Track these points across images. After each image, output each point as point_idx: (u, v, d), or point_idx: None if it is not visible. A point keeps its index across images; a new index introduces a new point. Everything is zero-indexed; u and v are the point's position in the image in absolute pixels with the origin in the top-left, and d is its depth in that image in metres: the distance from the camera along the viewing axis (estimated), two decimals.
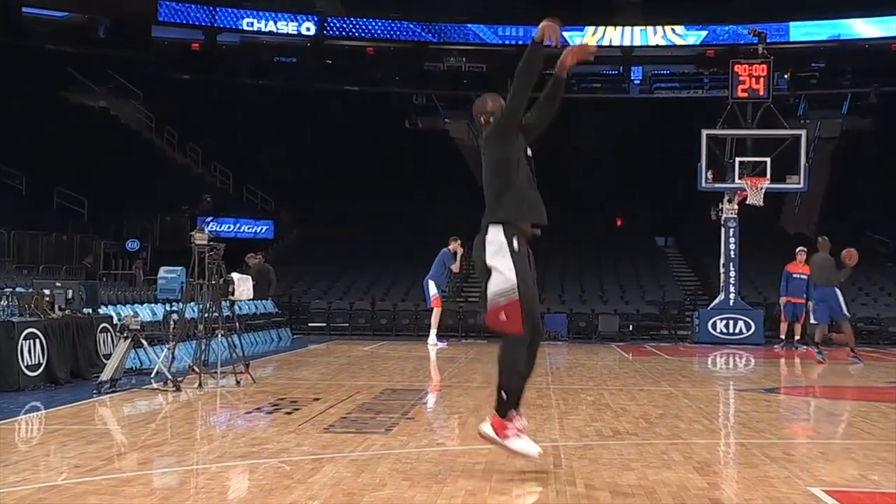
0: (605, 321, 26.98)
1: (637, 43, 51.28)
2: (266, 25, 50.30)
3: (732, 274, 25.95)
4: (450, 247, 21.74)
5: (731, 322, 25.59)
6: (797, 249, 23.32)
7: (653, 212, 39.04)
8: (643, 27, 51.09)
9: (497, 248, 6.67)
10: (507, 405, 6.87)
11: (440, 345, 21.72)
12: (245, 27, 50.05)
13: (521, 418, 6.95)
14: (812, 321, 19.66)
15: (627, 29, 51.14)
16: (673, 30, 51.09)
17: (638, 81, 52.69)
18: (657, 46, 51.38)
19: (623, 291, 30.53)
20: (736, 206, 25.82)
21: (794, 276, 23.04)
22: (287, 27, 50.66)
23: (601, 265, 33.60)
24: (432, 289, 21.60)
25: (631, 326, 27.15)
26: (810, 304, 20.04)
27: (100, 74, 42.60)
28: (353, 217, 37.65)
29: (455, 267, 21.81)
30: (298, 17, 50.85)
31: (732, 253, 25.92)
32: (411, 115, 47.93)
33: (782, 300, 23.24)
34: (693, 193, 26.65)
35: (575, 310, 27.94)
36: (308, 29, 50.73)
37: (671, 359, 19.65)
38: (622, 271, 32.87)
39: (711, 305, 26.34)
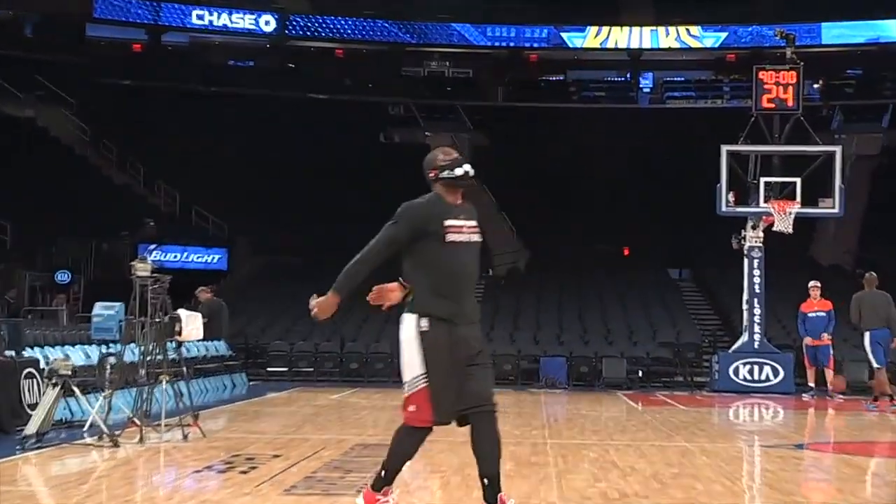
0: (611, 366, 26.99)
1: (647, 45, 51.64)
2: (219, 19, 50.35)
3: (757, 312, 26.03)
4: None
5: (755, 367, 25.63)
6: (809, 285, 23.52)
7: (665, 240, 39.19)
8: (654, 28, 51.48)
9: (412, 331, 7.11)
10: (384, 481, 7.34)
11: None
12: (195, 22, 50.11)
13: (394, 493, 7.38)
14: (875, 365, 19.85)
15: (636, 30, 51.51)
16: (688, 31, 51.48)
17: (648, 90, 53.04)
18: (670, 49, 51.76)
19: (631, 331, 30.58)
20: (761, 234, 25.94)
21: (811, 315, 23.22)
22: (243, 21, 50.69)
23: (605, 301, 33.67)
24: None
25: (640, 372, 27.17)
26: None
27: (26, 80, 42.66)
28: (318, 245, 37.67)
29: None
30: (256, 13, 50.89)
31: (757, 287, 26.01)
32: (387, 128, 48.12)
33: (806, 341, 23.40)
34: (711, 219, 26.74)
35: (575, 352, 27.96)
36: (268, 23, 50.86)
37: (687, 409, 19.67)
38: (630, 308, 32.94)
39: (733, 348, 26.39)
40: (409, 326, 7.12)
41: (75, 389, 13.48)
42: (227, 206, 39.54)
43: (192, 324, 13.95)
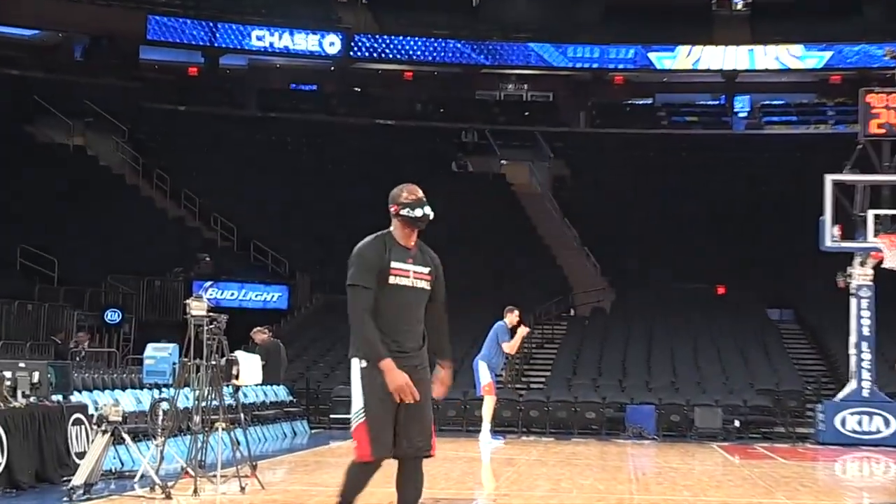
0: (704, 415, 26.77)
1: (743, 66, 51.39)
2: (280, 40, 50.77)
3: (866, 356, 25.69)
4: (505, 319, 21.74)
5: (864, 418, 25.30)
6: None
7: (764, 278, 38.87)
8: (750, 47, 51.23)
9: (355, 371, 7.61)
10: None
11: (495, 442, 21.63)
12: (254, 43, 50.55)
13: None
14: None
15: (731, 49, 51.29)
16: (788, 50, 51.16)
17: (744, 114, 52.77)
18: (768, 71, 51.46)
19: (727, 378, 30.33)
20: (870, 271, 25.64)
21: None
22: (306, 42, 51.07)
23: (698, 345, 33.44)
24: (484, 372, 21.57)
25: (737, 422, 26.93)
26: None
27: (75, 105, 43.27)
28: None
29: (509, 347, 21.71)
30: (320, 33, 51.25)
31: (866, 330, 25.68)
32: (459, 156, 48.24)
33: None
34: (815, 255, 26.49)
35: (665, 400, 27.78)
36: (332, 45, 51.19)
37: (789, 463, 19.45)
38: (725, 352, 32.68)
39: (840, 396, 26.07)
40: (354, 367, 7.60)
41: (126, 437, 13.59)
42: (287, 240, 39.81)
43: (250, 367, 14.04)
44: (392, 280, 7.59)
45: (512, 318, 21.75)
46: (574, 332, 35.26)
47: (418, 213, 7.85)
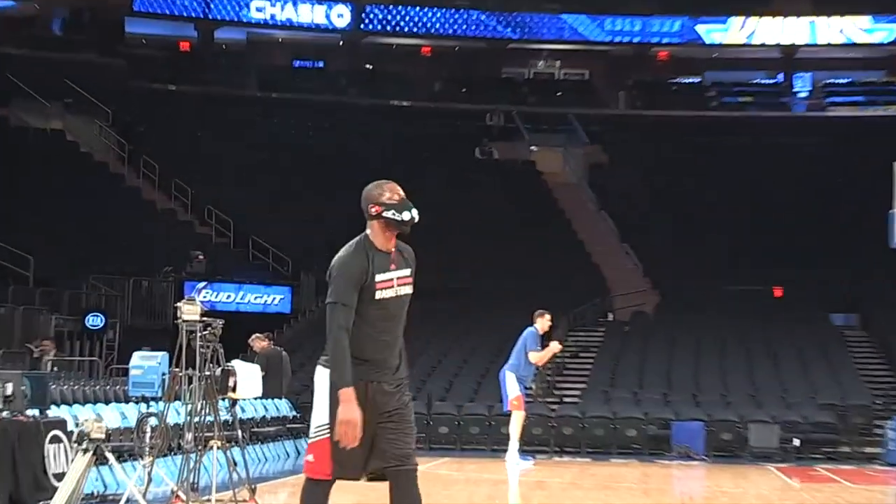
0: (759, 432, 26.71)
1: (803, 41, 51.27)
2: (282, 11, 50.74)
3: None
4: (536, 325, 21.67)
5: None
6: None
7: (826, 278, 38.72)
8: (812, 18, 51.10)
9: (322, 379, 7.76)
10: None
11: (524, 463, 21.59)
12: (254, 15, 50.59)
13: None
14: None
15: (790, 21, 51.17)
16: (854, 22, 51.02)
17: (804, 94, 52.59)
18: (831, 45, 51.30)
19: (784, 391, 30.25)
20: None
21: None
22: (311, 14, 51.04)
23: (753, 354, 33.34)
24: (512, 384, 21.50)
25: (796, 440, 26.84)
26: None
27: (53, 85, 43.31)
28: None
29: (536, 357, 21.53)
30: (327, 3, 51.15)
31: None
32: (484, 141, 48.21)
33: None
34: (884, 253, 26.40)
35: (715, 416, 27.70)
36: (341, 16, 51.17)
37: (855, 487, 19.39)
38: (783, 362, 32.58)
39: None
40: (322, 378, 7.73)
41: (109, 456, 13.59)
42: (290, 236, 39.81)
43: (248, 378, 14.03)
44: (378, 296, 7.73)
45: (543, 323, 21.64)
46: (613, 339, 35.19)
47: (406, 216, 7.81)
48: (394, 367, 7.81)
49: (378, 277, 7.75)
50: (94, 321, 31.97)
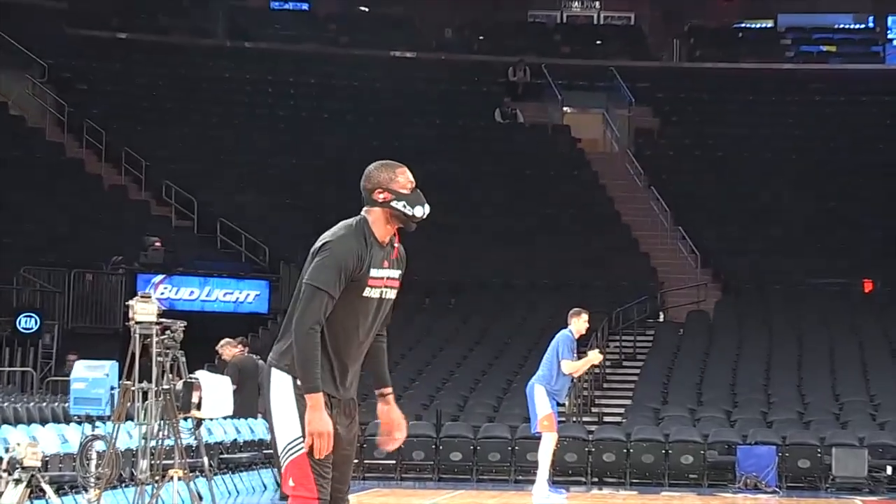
0: (844, 459, 26.73)
1: None
2: None
3: None
4: (571, 327, 21.67)
5: None
6: None
7: None
8: None
9: (285, 388, 7.95)
10: None
11: (555, 496, 21.65)
12: None
13: None
14: None
15: None
16: None
17: None
18: None
19: (875, 408, 30.26)
20: None
21: None
22: None
23: (837, 362, 33.34)
24: (542, 401, 21.50)
25: (889, 469, 26.88)
26: None
27: None
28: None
29: (569, 367, 21.44)
30: None
31: None
32: (506, 101, 48.20)
33: None
34: None
35: (791, 439, 27.75)
36: None
37: None
38: (874, 372, 32.55)
39: None
40: (283, 384, 7.88)
41: (47, 488, 13.71)
42: (268, 219, 39.87)
43: (216, 393, 14.13)
44: (365, 293, 7.90)
45: (580, 324, 21.58)
46: (664, 345, 35.20)
47: (417, 211, 7.95)
48: (351, 384, 8.01)
49: (372, 272, 7.87)
50: (27, 323, 32.05)
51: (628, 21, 53.49)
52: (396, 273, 8.02)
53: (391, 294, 8.02)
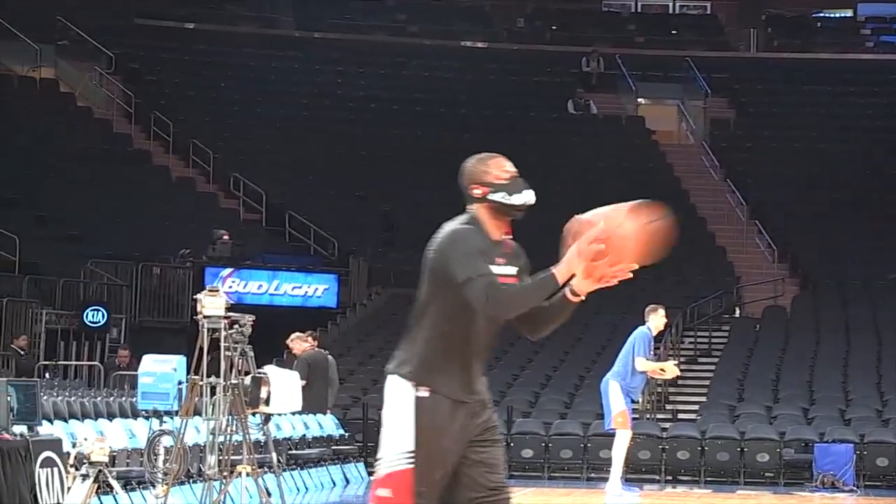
0: None
1: None
2: None
3: None
4: (649, 323, 21.61)
5: None
6: None
7: None
8: None
9: (405, 397, 7.97)
10: None
11: (628, 494, 21.63)
12: None
13: None
14: None
15: None
16: None
17: None
18: None
19: None
20: None
21: None
22: None
23: None
24: (616, 397, 21.46)
25: None
26: None
27: (43, 23, 43.51)
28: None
29: (643, 364, 21.33)
30: None
31: None
32: (579, 92, 48.13)
33: None
34: None
35: (870, 437, 27.56)
36: None
37: None
38: None
39: None
40: (403, 393, 7.94)
41: (114, 484, 13.77)
42: (337, 212, 39.90)
43: (285, 388, 14.16)
44: None
45: (657, 320, 21.52)
46: (740, 341, 35.05)
47: (517, 199, 7.96)
48: (479, 380, 7.91)
49: (493, 269, 7.80)
50: (94, 317, 32.13)
51: (704, 10, 53.28)
52: (513, 270, 7.94)
53: None
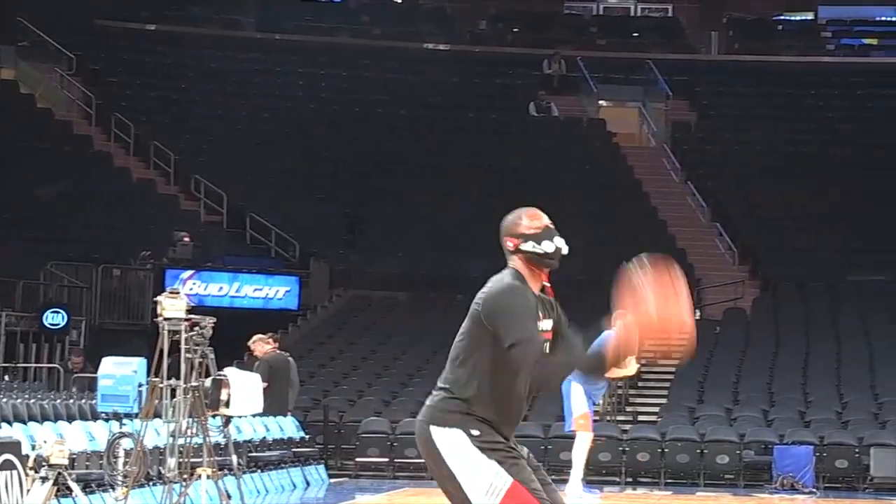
0: (883, 460, 26.71)
1: None
2: None
3: None
4: (612, 327, 21.65)
5: None
6: None
7: None
8: None
9: (458, 443, 8.03)
10: None
11: (588, 496, 21.69)
12: None
13: None
14: None
15: None
16: None
17: None
18: None
19: None
20: None
21: None
22: None
23: (877, 361, 33.18)
24: (578, 399, 21.51)
25: None
26: None
27: (4, 25, 43.40)
28: (432, 273, 37.77)
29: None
30: None
31: None
32: (541, 94, 48.19)
33: None
34: None
35: (829, 439, 27.71)
36: None
37: None
38: None
39: None
40: (457, 442, 7.97)
41: (74, 486, 13.80)
42: (298, 214, 39.90)
43: (246, 390, 14.21)
44: None
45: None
46: (700, 343, 35.01)
47: (548, 246, 8.06)
48: (513, 430, 8.35)
49: (540, 325, 8.03)
50: (54, 319, 32.10)
51: (665, 13, 53.42)
52: (550, 323, 8.16)
53: (548, 348, 8.10)
